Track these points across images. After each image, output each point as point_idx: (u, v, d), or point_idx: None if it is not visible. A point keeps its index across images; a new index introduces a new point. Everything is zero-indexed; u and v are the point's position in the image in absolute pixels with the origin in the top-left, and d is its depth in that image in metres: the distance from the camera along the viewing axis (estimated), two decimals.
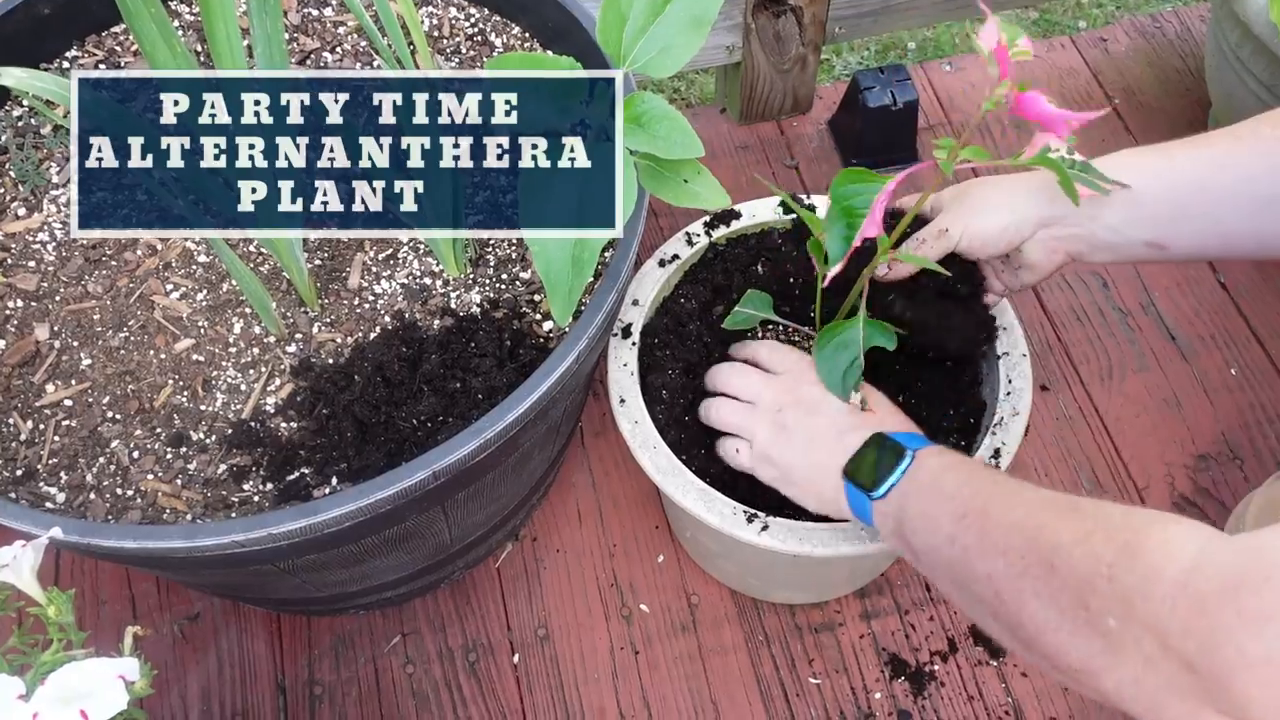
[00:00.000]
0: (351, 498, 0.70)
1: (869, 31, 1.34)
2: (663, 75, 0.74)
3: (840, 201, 0.69)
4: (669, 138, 0.72)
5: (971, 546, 0.64)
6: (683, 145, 0.71)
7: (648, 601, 1.04)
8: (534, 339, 0.84)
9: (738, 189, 1.30)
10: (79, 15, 0.98)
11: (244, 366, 0.83)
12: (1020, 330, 0.89)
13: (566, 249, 0.71)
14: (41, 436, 0.80)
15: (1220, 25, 1.20)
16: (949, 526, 0.66)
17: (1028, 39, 0.60)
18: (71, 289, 0.87)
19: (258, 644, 1.01)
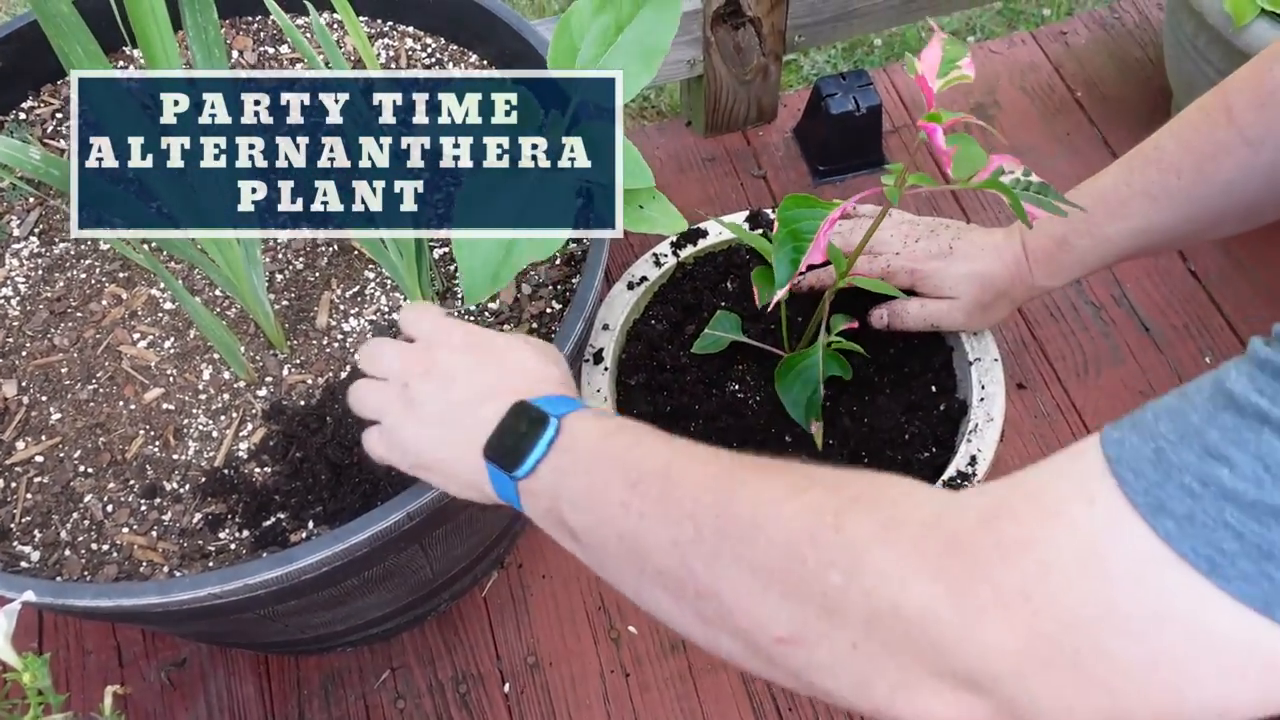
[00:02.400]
0: (327, 543, 0.69)
1: (829, 38, 1.35)
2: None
3: (788, 225, 0.69)
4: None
5: (650, 513, 0.54)
6: (634, 175, 0.71)
7: (636, 623, 1.03)
8: None
9: (706, 201, 1.31)
10: (34, 66, 0.97)
11: (215, 413, 0.83)
12: (990, 335, 0.89)
13: (490, 264, 0.68)
14: (13, 495, 0.80)
15: (1176, 15, 1.21)
16: (620, 493, 0.55)
17: (969, 61, 0.60)
18: (38, 343, 0.86)
19: (246, 687, 1.01)
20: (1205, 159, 0.77)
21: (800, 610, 0.48)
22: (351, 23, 0.90)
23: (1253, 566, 0.37)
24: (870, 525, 0.47)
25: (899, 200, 0.66)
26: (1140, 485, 0.40)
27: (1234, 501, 0.38)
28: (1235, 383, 0.39)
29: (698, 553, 0.51)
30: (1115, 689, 0.41)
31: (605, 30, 0.72)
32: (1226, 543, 0.37)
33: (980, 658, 0.43)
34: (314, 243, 0.91)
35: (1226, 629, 0.38)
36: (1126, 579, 0.40)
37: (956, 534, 0.45)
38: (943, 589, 0.44)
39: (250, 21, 1.03)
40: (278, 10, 0.81)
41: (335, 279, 0.89)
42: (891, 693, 0.46)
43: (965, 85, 1.41)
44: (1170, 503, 0.39)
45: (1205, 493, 0.38)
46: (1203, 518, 0.38)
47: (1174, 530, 0.39)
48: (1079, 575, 0.41)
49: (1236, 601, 0.38)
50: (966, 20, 2.00)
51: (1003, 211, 1.30)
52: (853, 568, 0.46)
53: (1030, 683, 0.42)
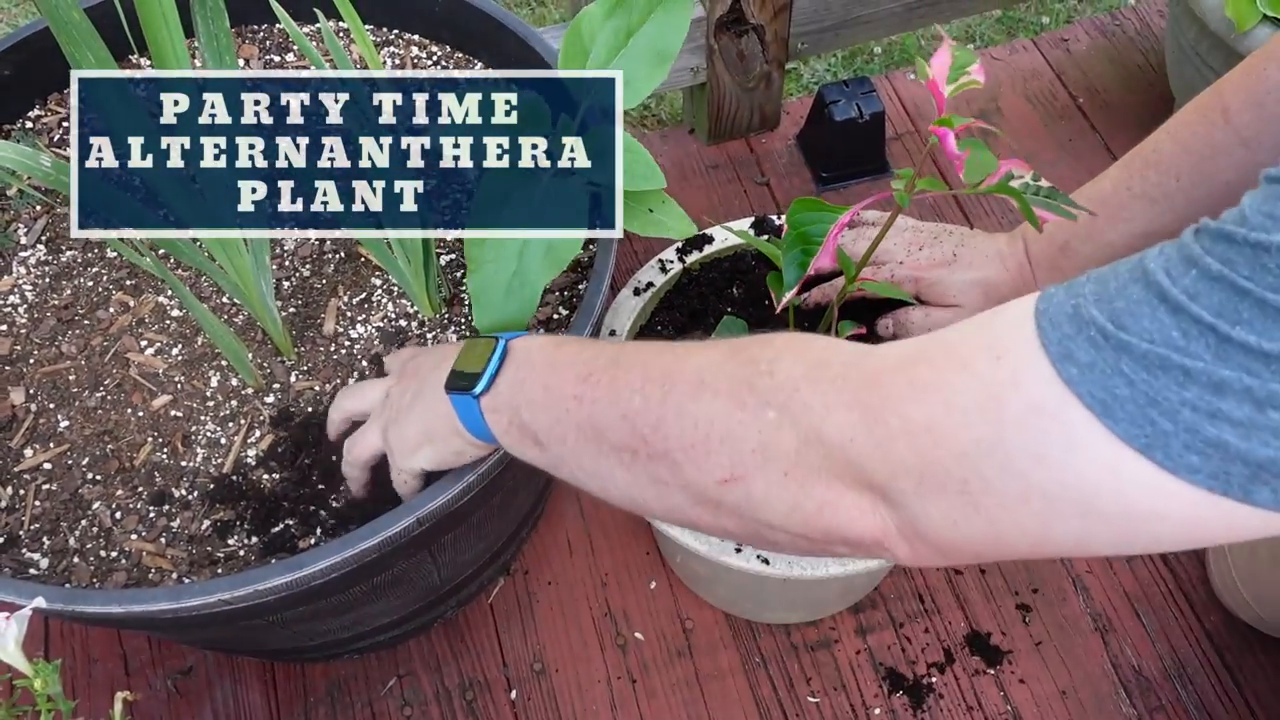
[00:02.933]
0: (336, 549, 0.69)
1: (831, 46, 1.35)
2: (626, 108, 0.74)
3: (797, 228, 0.69)
4: (631, 170, 0.72)
5: (603, 398, 0.59)
6: (645, 177, 0.71)
7: (642, 629, 1.03)
8: None
9: (710, 209, 1.31)
10: (40, 74, 0.98)
11: (223, 420, 0.83)
12: None
13: (505, 275, 0.70)
14: (22, 502, 0.80)
15: (1178, 22, 1.21)
16: (574, 388, 0.61)
17: (980, 67, 0.61)
18: (45, 350, 0.86)
19: (252, 695, 1.01)
20: (1203, 160, 0.77)
21: (739, 450, 0.53)
22: (358, 30, 0.90)
23: (1139, 411, 0.41)
24: (800, 368, 0.53)
25: (908, 204, 0.66)
26: (1055, 335, 0.44)
27: (1128, 353, 0.41)
28: (1152, 260, 0.43)
29: (647, 420, 0.57)
30: (994, 516, 0.47)
31: (616, 35, 0.72)
32: (1119, 388, 0.42)
33: (889, 476, 0.49)
34: (321, 250, 0.91)
35: (1100, 465, 0.43)
36: (1019, 420, 0.45)
37: (875, 372, 0.50)
38: (858, 416, 0.49)
39: (256, 30, 1.04)
40: (286, 18, 0.81)
41: (342, 286, 0.89)
42: (819, 509, 0.52)
43: (967, 93, 1.41)
44: (1077, 352, 0.43)
45: (1106, 345, 0.42)
46: (1102, 366, 0.42)
47: (1075, 375, 0.43)
48: (976, 416, 0.46)
49: (1118, 440, 0.42)
50: (966, 28, 2.00)
51: (1006, 217, 1.30)
52: (784, 404, 0.52)
53: (926, 503, 0.48)
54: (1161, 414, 0.41)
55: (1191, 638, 1.02)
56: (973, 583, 1.05)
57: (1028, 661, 1.01)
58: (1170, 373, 0.40)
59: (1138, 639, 1.02)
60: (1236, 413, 0.39)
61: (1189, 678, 1.00)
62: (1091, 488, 0.44)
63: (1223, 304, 0.40)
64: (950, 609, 1.04)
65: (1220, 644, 1.02)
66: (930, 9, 1.35)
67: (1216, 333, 0.40)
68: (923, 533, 0.49)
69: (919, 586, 1.05)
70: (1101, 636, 1.02)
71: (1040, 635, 1.02)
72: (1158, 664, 1.01)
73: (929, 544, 0.50)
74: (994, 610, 1.04)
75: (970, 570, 1.06)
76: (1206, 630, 1.02)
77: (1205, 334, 0.40)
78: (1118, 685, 1.00)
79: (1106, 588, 1.05)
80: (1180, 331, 0.40)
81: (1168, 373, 0.40)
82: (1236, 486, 0.40)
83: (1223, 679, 1.00)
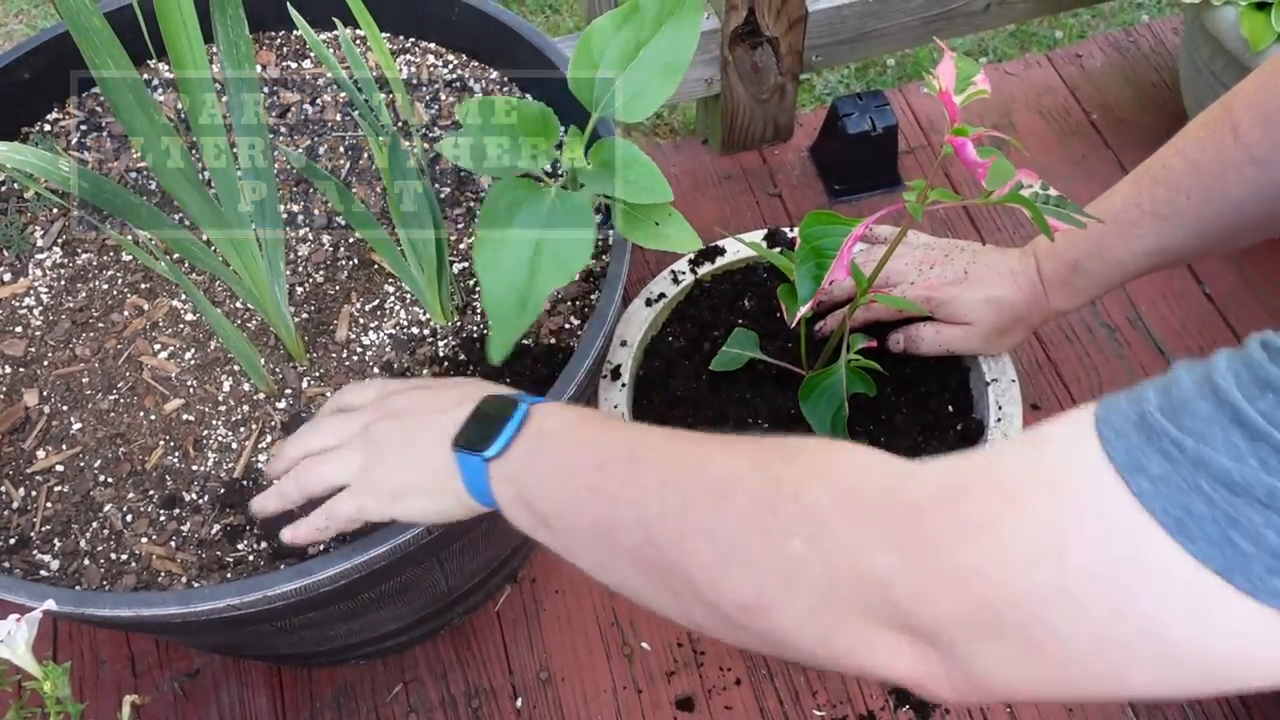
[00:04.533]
0: (346, 556, 0.70)
1: (846, 58, 1.35)
2: (635, 120, 0.75)
3: (810, 242, 0.69)
4: (638, 183, 0.72)
5: (618, 494, 0.55)
6: (651, 190, 0.71)
7: (649, 639, 1.03)
8: (524, 384, 0.84)
9: (722, 219, 1.31)
10: (59, 78, 0.98)
11: (234, 424, 0.83)
12: (1008, 356, 0.89)
13: (515, 288, 0.69)
14: (34, 504, 0.80)
15: (1193, 40, 1.21)
16: (587, 477, 0.57)
17: (983, 77, 0.61)
18: (59, 353, 0.87)
19: (259, 698, 1.01)
20: (1213, 178, 0.77)
21: (761, 579, 0.50)
22: (375, 38, 0.91)
23: (1218, 531, 0.38)
24: (829, 496, 0.49)
25: (921, 217, 0.66)
26: (1121, 445, 0.41)
27: (1207, 469, 0.38)
28: (1220, 375, 0.40)
29: (662, 529, 0.53)
30: (1061, 664, 0.43)
31: (626, 47, 0.72)
32: (1197, 505, 0.39)
33: (934, 621, 0.45)
34: (334, 256, 0.92)
35: (1179, 593, 0.39)
36: (1085, 566, 0.41)
37: (914, 507, 0.46)
38: (896, 558, 0.45)
39: (274, 36, 1.04)
40: (304, 25, 0.82)
41: (355, 292, 0.90)
42: (852, 647, 0.48)
43: (980, 107, 1.42)
44: (1149, 464, 0.40)
45: (1182, 459, 0.39)
46: (1177, 481, 0.39)
47: (1148, 490, 0.40)
48: (1037, 560, 0.42)
49: (1196, 562, 0.39)
50: (979, 42, 2.01)
51: (1019, 231, 1.30)
52: (813, 536, 0.48)
53: (980, 650, 0.44)
54: (1243, 536, 0.38)
55: None
56: None
57: None
58: (1252, 493, 0.38)
59: None
60: None
61: (1201, 705, 1.00)
62: (1170, 627, 0.40)
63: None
64: None
65: None
66: (945, 23, 1.35)
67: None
68: (975, 678, 0.45)
69: None
70: None
71: None
72: None
73: (981, 688, 0.46)
74: None
75: None
76: None
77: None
78: (1125, 705, 0.99)
79: None
80: (1259, 459, 0.38)
81: (1249, 493, 0.38)
82: None
83: (1231, 700, 0.99)
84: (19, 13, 2.12)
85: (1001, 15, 1.37)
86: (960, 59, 0.66)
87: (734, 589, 0.51)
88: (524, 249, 0.68)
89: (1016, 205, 0.64)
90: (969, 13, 1.35)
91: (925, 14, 1.33)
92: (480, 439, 0.61)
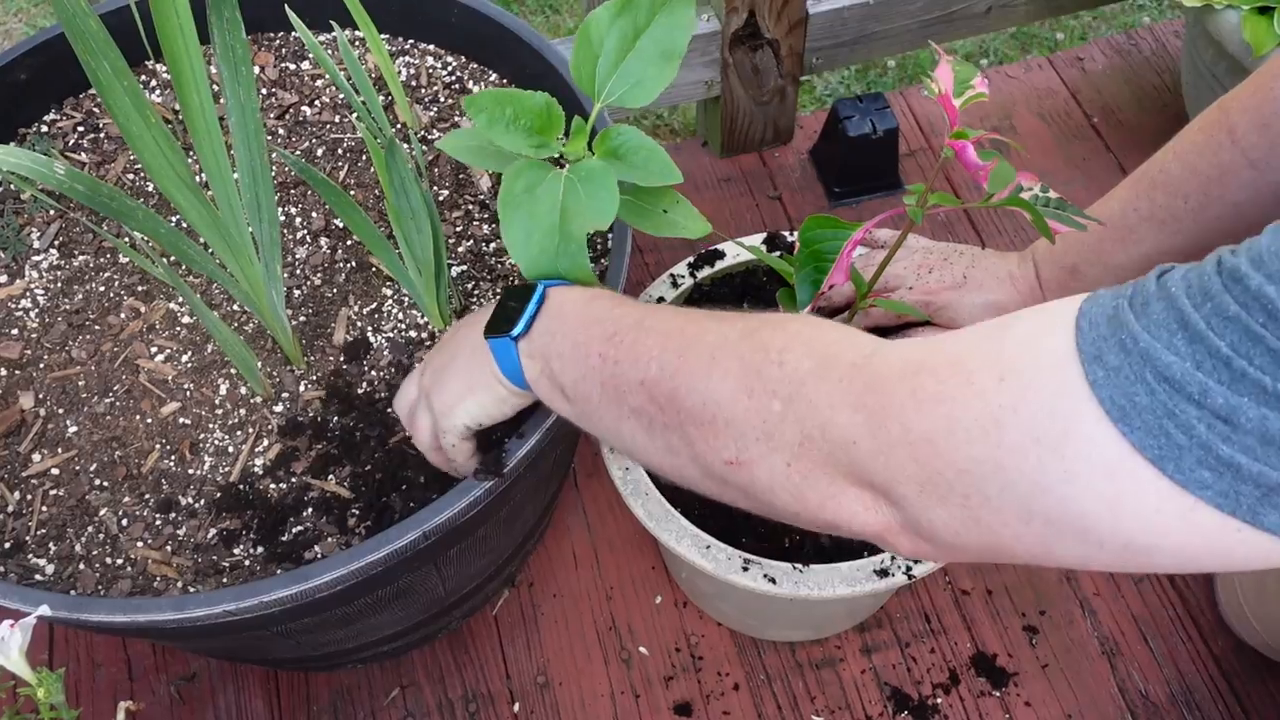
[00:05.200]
0: (342, 561, 0.69)
1: (846, 61, 1.35)
2: (637, 106, 0.74)
3: (809, 246, 0.69)
4: (647, 167, 0.72)
5: (624, 359, 0.61)
6: (661, 173, 0.71)
7: (647, 644, 1.03)
8: None
9: (722, 222, 1.31)
10: (56, 79, 0.98)
11: (231, 428, 0.83)
12: None
13: (549, 236, 0.68)
14: (29, 507, 0.80)
15: (1195, 44, 1.21)
16: (600, 347, 0.62)
17: (982, 79, 0.60)
18: (56, 355, 0.86)
19: (256, 702, 1.00)
20: (1211, 182, 0.77)
21: (744, 436, 0.54)
22: (373, 39, 0.90)
23: (1155, 422, 0.41)
24: (808, 361, 0.53)
25: (921, 221, 0.66)
26: (1091, 336, 0.44)
27: (1152, 363, 0.41)
28: (1175, 283, 0.43)
29: (661, 390, 0.58)
30: (995, 530, 0.47)
31: (624, 35, 0.72)
32: (1140, 396, 0.42)
33: (891, 480, 0.49)
34: (332, 259, 0.91)
35: (1109, 474, 0.43)
36: (1019, 446, 0.45)
37: (880, 376, 0.50)
38: (861, 419, 0.50)
39: (273, 38, 1.04)
40: (302, 28, 0.81)
41: (353, 295, 0.89)
42: (822, 500, 0.53)
43: (981, 109, 1.41)
44: (1108, 355, 0.43)
45: (1135, 350, 0.42)
46: (1128, 372, 0.42)
47: (1101, 378, 0.43)
48: (977, 434, 0.46)
49: (1132, 448, 0.42)
50: (980, 43, 2.00)
51: (1019, 234, 1.30)
52: (790, 397, 0.53)
53: (928, 510, 0.49)
54: (1177, 427, 0.41)
55: (1199, 663, 1.01)
56: (979, 603, 1.05)
57: (1034, 684, 1.00)
58: (1188, 389, 0.40)
59: (1145, 663, 1.01)
60: (1249, 439, 0.39)
61: (1196, 704, 0.99)
62: (1095, 508, 0.44)
63: (1237, 343, 0.40)
64: (956, 629, 1.03)
65: (1228, 670, 1.01)
66: (946, 26, 1.35)
67: (1231, 367, 0.40)
68: (925, 533, 0.50)
69: (925, 606, 1.04)
70: (1109, 660, 1.02)
71: (1047, 658, 1.02)
72: (1165, 689, 1.00)
73: (931, 543, 0.51)
74: (1000, 631, 1.03)
75: (977, 591, 1.05)
76: (1214, 656, 1.02)
77: (1220, 366, 0.40)
78: (1124, 710, 0.99)
79: (1114, 611, 1.04)
80: (1194, 361, 0.41)
81: (1185, 389, 0.40)
82: (1245, 507, 0.40)
83: (1230, 705, 0.99)
84: (18, 11, 2.11)
85: (1003, 18, 1.37)
86: (958, 63, 0.65)
87: (721, 445, 0.55)
88: (552, 204, 0.68)
89: (1017, 208, 0.64)
90: (970, 15, 1.34)
91: (926, 16, 1.33)
92: (506, 322, 0.67)
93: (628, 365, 0.60)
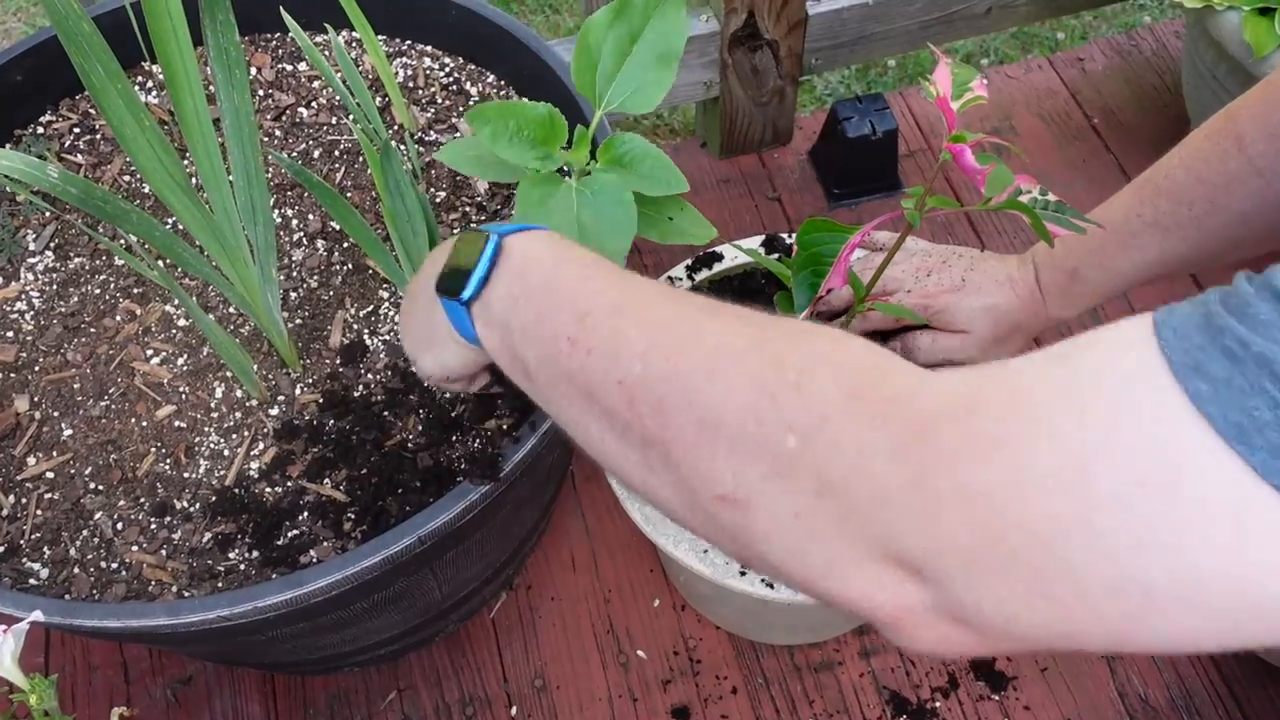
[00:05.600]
0: (337, 566, 0.69)
1: (846, 61, 1.34)
2: (641, 111, 0.74)
3: (807, 249, 0.69)
4: (654, 175, 0.72)
5: (599, 349, 0.50)
6: (666, 181, 0.71)
7: (645, 647, 1.03)
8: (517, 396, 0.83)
9: (721, 223, 1.30)
10: (51, 80, 0.97)
11: (226, 431, 0.83)
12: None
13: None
14: (24, 511, 0.79)
15: (1195, 45, 1.20)
16: (570, 329, 0.52)
17: (981, 82, 0.60)
18: (51, 358, 0.86)
19: (252, 706, 1.00)
20: (1217, 190, 0.76)
21: (747, 469, 0.44)
22: (370, 41, 0.90)
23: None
24: (834, 391, 0.43)
25: (919, 224, 0.65)
26: (1180, 346, 0.36)
27: (1272, 370, 0.34)
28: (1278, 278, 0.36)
29: (645, 397, 0.48)
30: (1070, 607, 0.38)
31: (620, 41, 0.72)
32: (1261, 410, 0.34)
33: (930, 548, 0.40)
34: (328, 261, 0.91)
35: (1224, 515, 0.35)
36: (1114, 496, 0.36)
37: (925, 416, 0.41)
38: (899, 471, 0.40)
39: (269, 39, 1.03)
40: (297, 29, 0.81)
41: (349, 298, 0.89)
42: (828, 568, 0.43)
43: (981, 110, 1.41)
44: (1209, 365, 0.35)
45: (1246, 356, 0.35)
46: (1239, 383, 0.34)
47: (1205, 392, 0.35)
48: (1056, 488, 0.37)
49: (1258, 477, 0.34)
50: (980, 43, 2.00)
51: (1018, 237, 1.29)
52: (808, 433, 0.43)
53: (977, 585, 0.39)
54: None
55: (1199, 668, 1.01)
56: None
57: (1033, 688, 1.00)
58: None
59: (1145, 668, 1.01)
60: None
61: (1196, 709, 0.99)
62: (1214, 562, 0.35)
63: None
64: None
65: (1229, 675, 1.00)
66: (946, 26, 1.34)
67: None
68: (967, 617, 0.40)
69: None
70: (1108, 664, 1.01)
71: (1046, 661, 1.01)
72: (1165, 694, 1.00)
73: (974, 630, 0.41)
74: None
75: None
76: (1215, 661, 1.01)
77: None
78: (1124, 714, 0.99)
79: None
80: None
81: None
82: None
83: (1230, 711, 0.99)
84: (18, 10, 2.11)
85: (1003, 18, 1.37)
86: (957, 65, 0.65)
87: (714, 475, 0.45)
88: (568, 219, 0.68)
89: (1016, 211, 0.63)
90: (970, 15, 1.34)
91: (925, 17, 1.32)
92: (457, 279, 0.57)
93: (603, 358, 0.50)
